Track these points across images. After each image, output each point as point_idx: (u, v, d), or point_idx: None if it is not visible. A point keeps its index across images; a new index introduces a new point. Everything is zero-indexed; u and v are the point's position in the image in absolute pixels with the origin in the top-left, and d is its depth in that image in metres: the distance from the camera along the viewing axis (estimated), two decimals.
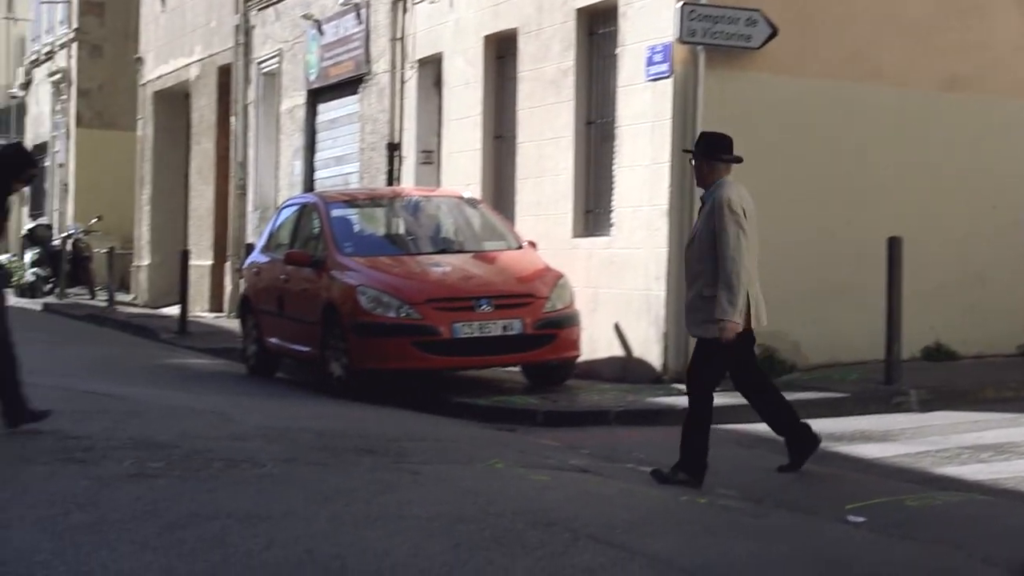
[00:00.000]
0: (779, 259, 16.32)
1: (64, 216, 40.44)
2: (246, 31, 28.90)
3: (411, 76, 22.34)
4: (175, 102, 33.90)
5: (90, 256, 35.59)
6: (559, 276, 16.23)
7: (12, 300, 37.19)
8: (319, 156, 25.91)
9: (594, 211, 17.85)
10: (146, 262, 34.61)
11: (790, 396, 14.51)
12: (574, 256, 17.48)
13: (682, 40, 15.87)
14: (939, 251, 17.04)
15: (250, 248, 21.22)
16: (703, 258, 10.48)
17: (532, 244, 17.17)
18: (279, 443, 11.24)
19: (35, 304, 34.81)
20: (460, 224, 17.79)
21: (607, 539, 8.09)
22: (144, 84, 35.44)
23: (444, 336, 15.43)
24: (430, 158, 21.99)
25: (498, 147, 20.06)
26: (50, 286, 36.50)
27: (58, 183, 42.11)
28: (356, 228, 17.84)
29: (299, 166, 26.29)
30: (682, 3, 15.76)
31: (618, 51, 17.06)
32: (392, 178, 22.53)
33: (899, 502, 10.02)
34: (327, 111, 25.73)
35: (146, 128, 35.16)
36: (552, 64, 18.37)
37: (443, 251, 17.03)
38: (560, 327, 15.83)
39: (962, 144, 17.40)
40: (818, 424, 13.60)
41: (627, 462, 11.76)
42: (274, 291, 18.03)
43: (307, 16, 25.89)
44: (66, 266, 35.29)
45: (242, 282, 20.85)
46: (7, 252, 47.38)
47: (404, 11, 22.50)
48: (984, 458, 11.72)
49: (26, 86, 47.75)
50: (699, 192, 11.11)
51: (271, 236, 19.11)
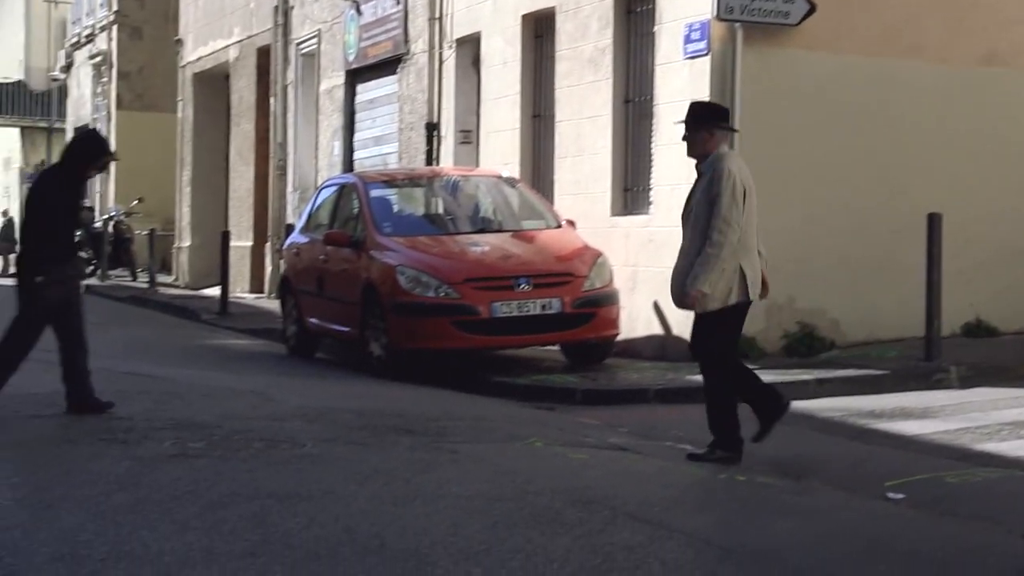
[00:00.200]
0: (818, 236, 16.34)
1: (105, 198, 40.59)
2: (285, 12, 28.93)
3: (449, 56, 22.35)
4: (215, 84, 34.01)
5: (131, 238, 35.75)
6: (598, 255, 16.22)
7: None
8: (358, 136, 25.95)
9: (632, 189, 17.84)
10: (187, 243, 34.74)
11: (830, 374, 14.66)
12: (613, 235, 17.47)
13: (720, 17, 15.83)
14: (979, 227, 16.98)
15: (290, 229, 21.27)
16: (703, 229, 10.28)
17: (571, 223, 17.15)
18: (319, 423, 11.28)
19: None
20: (499, 203, 17.79)
21: (645, 517, 8.10)
22: (184, 66, 35.56)
23: (483, 315, 15.44)
24: (468, 138, 21.99)
25: (536, 126, 20.05)
26: (92, 268, 36.68)
27: None
28: (395, 208, 17.85)
29: (338, 146, 26.33)
30: None
31: (656, 29, 17.03)
32: (431, 158, 22.55)
33: (939, 479, 10.00)
34: (366, 91, 25.76)
35: (186, 110, 35.28)
36: (590, 43, 18.35)
37: (482, 230, 17.03)
38: (599, 306, 15.83)
39: (1001, 120, 17.32)
40: (857, 401, 13.68)
41: (666, 440, 11.75)
42: (314, 271, 18.07)
43: None
44: (108, 248, 35.44)
45: (282, 263, 20.90)
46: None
47: None
48: None
49: (67, 69, 47.93)
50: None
51: (310, 217, 19.15)
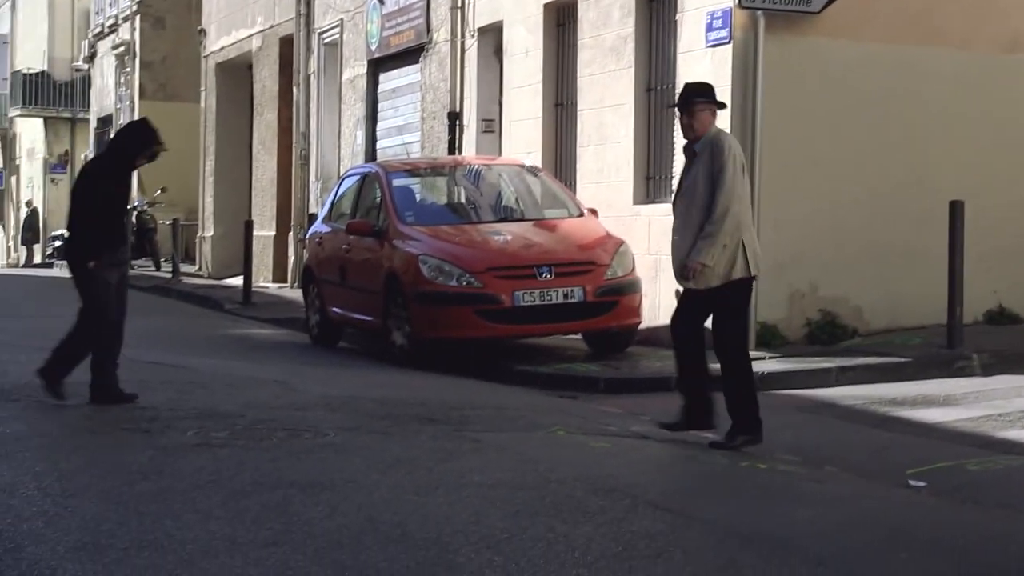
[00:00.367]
0: (841, 224, 16.31)
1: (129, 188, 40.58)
2: (307, 1, 28.90)
3: (472, 45, 22.34)
4: (237, 73, 34.04)
5: (155, 228, 35.80)
6: (620, 243, 16.21)
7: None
8: (381, 126, 25.95)
9: (655, 178, 17.82)
10: (210, 233, 34.80)
11: (852, 361, 14.63)
12: (635, 223, 17.46)
13: (742, 5, 15.79)
14: (1002, 214, 16.93)
15: (312, 218, 21.28)
16: (706, 206, 10.28)
17: (593, 211, 17.15)
18: (341, 412, 11.31)
19: None
20: (521, 192, 17.80)
21: (667, 505, 8.12)
22: (207, 56, 35.59)
23: (505, 304, 15.45)
24: (491, 127, 21.99)
25: (559, 115, 20.04)
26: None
27: None
28: (417, 197, 17.88)
29: (361, 136, 26.35)
30: None
31: (678, 17, 17.01)
32: (453, 147, 22.56)
33: (960, 466, 10.00)
34: (388, 80, 25.76)
35: (209, 100, 35.32)
36: (612, 31, 18.33)
37: (504, 219, 17.03)
38: (621, 294, 15.82)
39: None
40: (879, 389, 13.67)
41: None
42: (336, 261, 18.09)
43: None
44: (131, 238, 35.48)
45: (305, 252, 20.94)
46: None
47: None
48: None
49: (90, 59, 48.00)
50: (698, 148, 10.51)
51: (333, 206, 19.17)
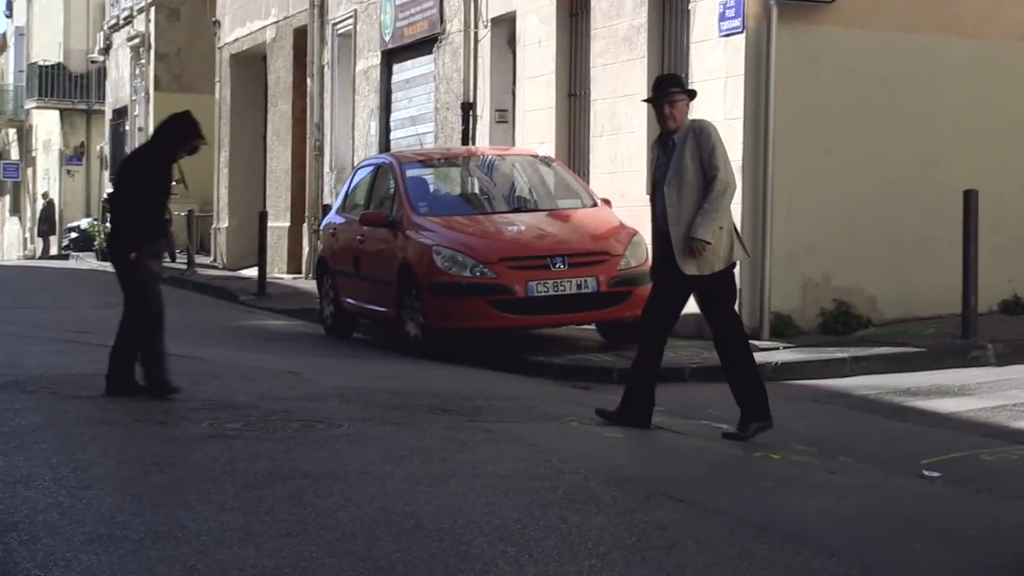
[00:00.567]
0: (855, 214, 16.30)
1: None
2: None
3: (485, 35, 22.34)
4: (252, 65, 34.07)
5: (170, 219, 35.73)
6: (633, 233, 16.19)
7: (94, 263, 37.82)
8: (394, 116, 25.96)
9: None
10: (224, 224, 34.85)
11: (866, 351, 14.62)
12: (648, 213, 17.36)
13: None
14: (1016, 203, 16.92)
15: (327, 209, 21.29)
16: (701, 188, 10.51)
17: (606, 202, 17.14)
18: (355, 403, 11.32)
19: None
20: (534, 182, 17.79)
21: (680, 496, 8.11)
22: (221, 47, 35.63)
23: (519, 295, 15.45)
24: (504, 117, 21.99)
25: (572, 105, 20.04)
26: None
27: (138, 146, 42.34)
28: (431, 188, 17.87)
29: (375, 126, 26.36)
30: None
31: (691, 7, 17.00)
32: (467, 137, 22.56)
33: (975, 456, 9.99)
34: (402, 71, 25.77)
35: (223, 91, 35.36)
36: (625, 21, 18.32)
37: (517, 210, 17.03)
38: (635, 284, 15.79)
39: None
40: (893, 379, 13.65)
41: (701, 418, 11.77)
42: (350, 252, 18.11)
43: None
44: None
45: (319, 243, 20.95)
46: (91, 216, 47.85)
47: None
48: None
49: (106, 51, 48.07)
50: (676, 139, 10.73)
51: (347, 197, 19.19)
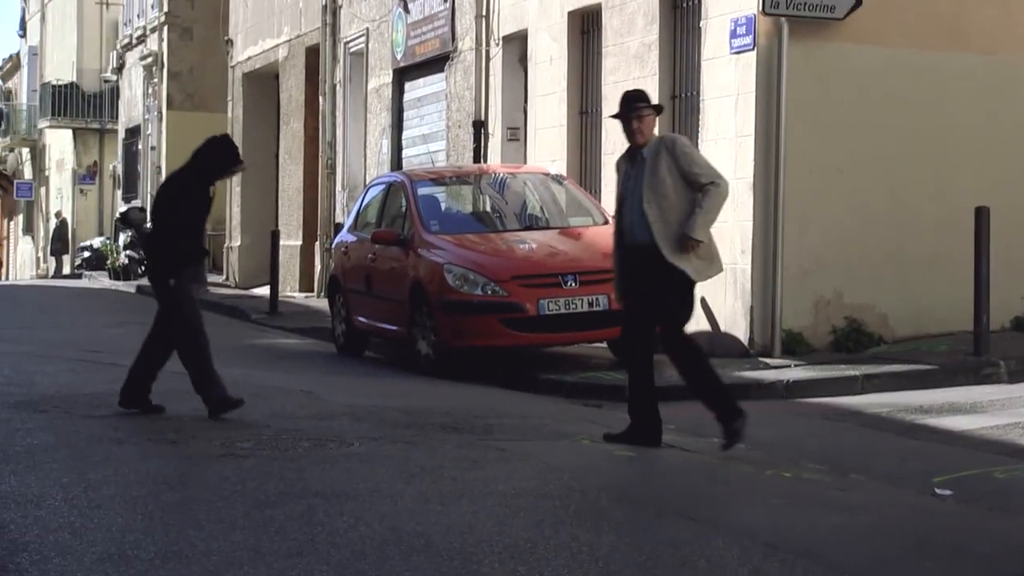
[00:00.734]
0: (867, 230, 16.27)
1: None
2: (333, 11, 28.99)
3: (496, 53, 22.38)
4: (264, 83, 34.14)
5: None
6: None
7: (107, 283, 37.88)
8: (406, 134, 26.00)
9: None
10: (237, 243, 34.89)
11: (877, 369, 14.58)
12: None
13: (766, 12, 15.78)
14: None
15: (339, 227, 21.31)
16: (686, 204, 10.53)
17: None
18: (366, 422, 11.33)
19: (128, 287, 35.28)
20: (546, 200, 17.79)
21: (691, 514, 8.11)
22: (234, 66, 35.71)
23: (530, 313, 15.45)
24: (516, 135, 22.01)
25: (584, 122, 20.05)
26: (143, 269, 36.89)
27: (151, 165, 42.48)
28: (442, 206, 17.89)
29: (386, 145, 26.39)
30: None
31: (702, 24, 17.01)
32: (478, 155, 22.59)
33: (987, 474, 9.97)
34: (413, 89, 25.82)
35: (236, 109, 35.42)
36: (636, 38, 18.34)
37: (529, 228, 17.05)
38: None
39: None
40: (905, 396, 13.62)
41: (713, 436, 11.71)
42: (362, 270, 18.12)
43: None
44: None
45: (331, 262, 20.98)
46: (103, 235, 47.90)
47: None
48: None
49: (119, 70, 48.21)
50: (650, 153, 10.79)
51: (358, 215, 19.21)
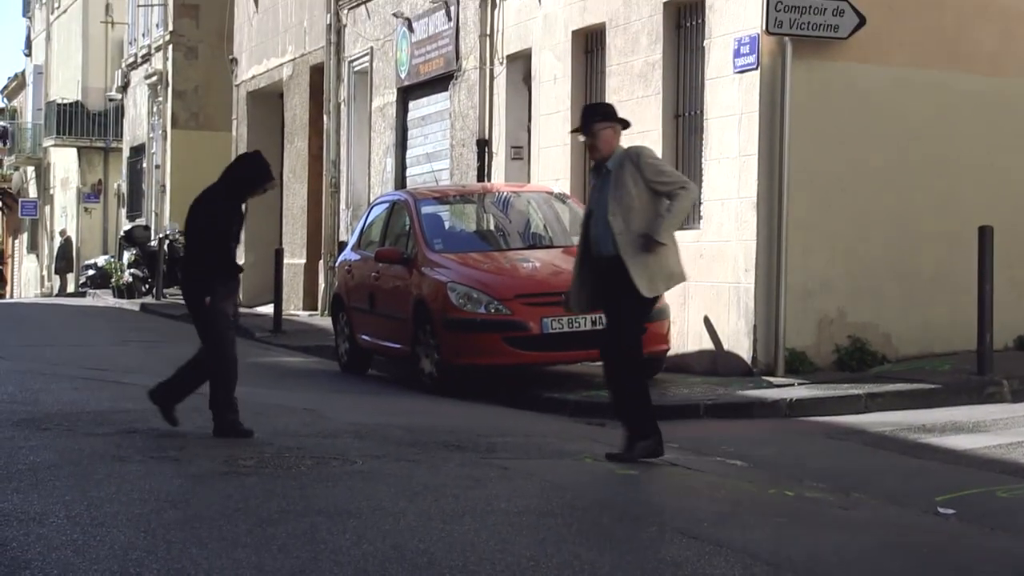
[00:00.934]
0: (870, 249, 16.28)
1: (161, 217, 40.85)
2: (337, 30, 29.06)
3: (500, 72, 22.42)
4: (269, 102, 34.20)
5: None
6: None
7: (111, 301, 37.91)
8: (410, 153, 26.04)
9: None
10: (241, 261, 34.80)
11: (881, 388, 14.57)
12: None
13: (769, 31, 15.82)
14: None
15: (343, 246, 21.33)
16: (651, 213, 10.67)
17: None
18: (369, 440, 11.33)
19: (133, 305, 35.30)
20: (549, 219, 17.81)
21: (694, 532, 8.10)
22: (238, 84, 35.77)
23: (534, 331, 15.45)
24: (520, 153, 22.03)
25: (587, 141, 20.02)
26: (147, 287, 36.95)
27: (155, 184, 42.55)
28: (446, 225, 17.90)
29: (390, 163, 26.42)
30: None
31: (705, 43, 17.03)
32: (482, 174, 22.61)
33: (990, 493, 9.96)
34: (417, 108, 25.85)
35: (240, 128, 35.47)
36: (640, 58, 18.36)
37: (532, 246, 17.06)
38: (649, 321, 15.72)
39: None
40: (908, 415, 13.61)
41: (716, 455, 11.75)
42: (365, 288, 18.14)
43: (397, 14, 26.00)
44: (163, 267, 35.68)
45: (335, 280, 20.99)
46: (108, 254, 47.93)
47: (493, 7, 22.58)
48: None
49: (124, 89, 48.30)
50: (619, 168, 11.06)
51: (362, 234, 19.22)
